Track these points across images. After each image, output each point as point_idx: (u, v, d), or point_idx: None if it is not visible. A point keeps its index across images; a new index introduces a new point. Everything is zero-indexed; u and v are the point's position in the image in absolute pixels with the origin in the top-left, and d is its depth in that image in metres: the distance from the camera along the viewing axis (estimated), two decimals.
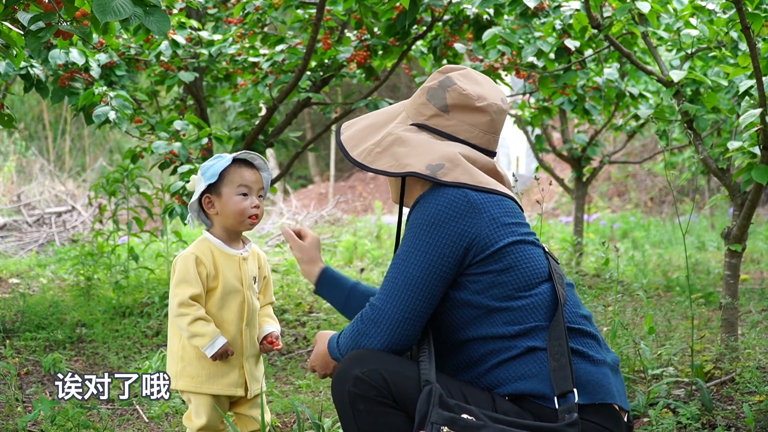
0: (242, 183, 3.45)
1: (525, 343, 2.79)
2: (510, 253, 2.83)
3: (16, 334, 6.10)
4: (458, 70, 3.07)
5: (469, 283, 2.84)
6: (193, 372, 3.46)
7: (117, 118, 5.53)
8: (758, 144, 4.35)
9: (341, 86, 8.67)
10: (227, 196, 3.45)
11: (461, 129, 2.99)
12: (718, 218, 14.45)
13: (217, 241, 3.51)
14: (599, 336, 2.95)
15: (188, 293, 3.41)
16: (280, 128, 7.21)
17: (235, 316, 3.49)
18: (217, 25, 7.65)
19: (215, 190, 3.47)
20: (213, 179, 3.43)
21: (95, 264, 7.37)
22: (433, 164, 2.87)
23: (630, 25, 5.32)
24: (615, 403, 2.82)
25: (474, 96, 2.98)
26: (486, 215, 2.83)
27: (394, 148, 2.95)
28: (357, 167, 3.12)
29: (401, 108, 3.12)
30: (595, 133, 9.39)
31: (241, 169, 3.47)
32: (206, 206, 3.51)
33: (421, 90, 3.07)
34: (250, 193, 3.47)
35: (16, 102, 17.18)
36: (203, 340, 3.38)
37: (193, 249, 3.50)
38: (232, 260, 3.51)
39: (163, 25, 3.00)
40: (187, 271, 3.45)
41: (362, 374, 2.78)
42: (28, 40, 3.22)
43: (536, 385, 2.76)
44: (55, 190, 14.56)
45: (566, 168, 15.79)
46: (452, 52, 6.93)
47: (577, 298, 2.99)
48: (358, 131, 3.10)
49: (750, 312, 6.82)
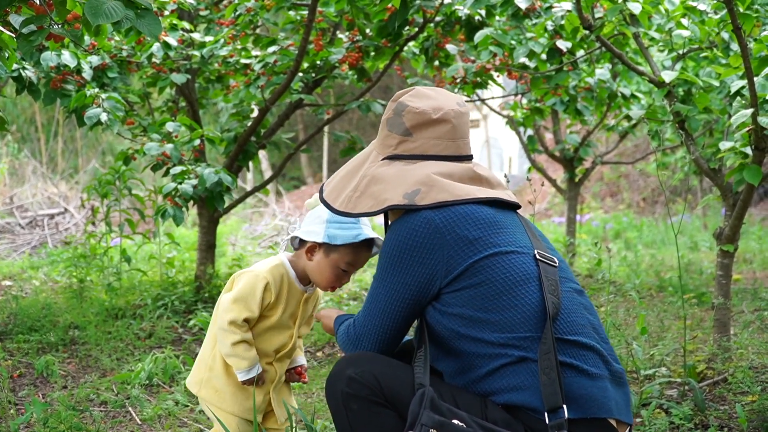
0: (352, 263, 3.33)
1: (516, 353, 2.77)
2: (482, 268, 2.81)
3: (8, 337, 6.09)
4: (408, 92, 3.10)
5: (450, 299, 2.85)
6: (219, 386, 3.41)
7: (109, 120, 5.53)
8: (750, 144, 4.36)
9: (333, 87, 8.65)
10: (332, 263, 3.32)
11: (428, 146, 3.00)
12: (710, 218, 14.47)
13: (293, 272, 3.42)
14: (601, 346, 2.89)
15: (243, 315, 3.31)
16: (272, 129, 7.21)
17: (275, 348, 3.44)
18: (209, 27, 7.64)
19: (327, 248, 3.32)
20: (334, 242, 3.29)
21: (88, 266, 7.36)
22: (408, 192, 2.89)
23: (621, 26, 5.33)
24: (611, 417, 2.80)
25: (429, 110, 2.99)
26: (450, 236, 2.83)
27: (370, 189, 2.98)
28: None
29: (371, 148, 3.15)
30: (588, 134, 9.40)
31: (360, 250, 3.33)
32: (306, 251, 3.37)
33: (382, 123, 3.10)
34: (350, 271, 3.36)
35: (8, 104, 17.15)
36: (242, 364, 3.32)
37: (267, 272, 3.37)
38: (296, 297, 3.44)
39: (155, 28, 2.99)
40: (253, 293, 3.33)
41: (355, 375, 2.81)
42: (19, 42, 3.21)
43: (528, 398, 2.75)
44: (48, 192, 14.54)
45: (558, 168, 15.81)
46: (444, 53, 6.94)
47: (582, 304, 2.95)
48: (338, 182, 3.13)
49: (742, 312, 6.83)
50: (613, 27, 5.32)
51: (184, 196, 5.76)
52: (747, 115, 4.14)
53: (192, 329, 6.49)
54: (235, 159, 6.94)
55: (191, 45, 6.76)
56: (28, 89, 5.72)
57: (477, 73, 6.55)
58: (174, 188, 5.75)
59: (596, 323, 2.96)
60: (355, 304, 7.62)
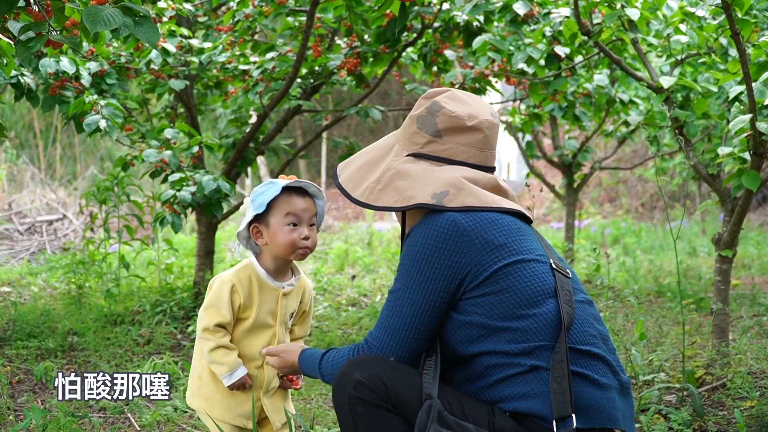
0: (291, 212, 3.29)
1: (529, 362, 2.75)
2: (507, 274, 2.79)
3: (7, 343, 6.09)
4: (443, 92, 3.05)
5: (468, 306, 2.81)
6: (208, 394, 3.39)
7: (107, 127, 5.53)
8: (748, 150, 4.37)
9: (332, 93, 8.68)
10: (275, 227, 3.30)
11: (457, 151, 2.97)
12: (709, 224, 14.48)
13: (262, 270, 3.38)
14: (610, 357, 2.88)
15: (215, 321, 3.30)
16: (270, 136, 7.21)
17: (260, 349, 3.38)
18: (208, 33, 7.65)
19: (263, 219, 3.32)
20: (261, 209, 3.28)
21: (86, 272, 7.36)
22: (437, 192, 2.86)
23: (620, 32, 5.34)
24: (617, 428, 2.81)
25: (464, 116, 2.96)
26: (477, 240, 2.80)
27: (395, 183, 2.94)
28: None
29: (393, 140, 3.10)
30: (586, 139, 9.42)
31: (290, 198, 3.31)
32: (254, 236, 3.36)
33: (411, 119, 3.05)
34: (300, 223, 3.30)
35: (7, 110, 17.14)
36: (222, 369, 3.31)
37: (232, 275, 3.36)
38: (272, 294, 3.39)
39: (153, 36, 2.99)
40: (220, 298, 3.32)
41: (363, 378, 2.77)
42: (18, 49, 3.21)
43: (537, 406, 2.74)
44: (46, 198, 14.53)
45: (557, 174, 15.82)
46: (442, 59, 6.94)
47: (592, 314, 2.94)
48: (355, 171, 3.08)
49: (741, 317, 6.84)
50: (611, 33, 5.33)
51: (183, 203, 5.75)
52: (745, 120, 4.15)
53: (191, 335, 6.49)
54: (233, 165, 6.94)
55: (190, 51, 6.77)
56: (26, 96, 5.72)
57: (475, 79, 6.55)
58: (172, 195, 5.74)
59: (605, 334, 2.96)
60: (353, 310, 7.62)
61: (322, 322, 6.88)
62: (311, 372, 3.07)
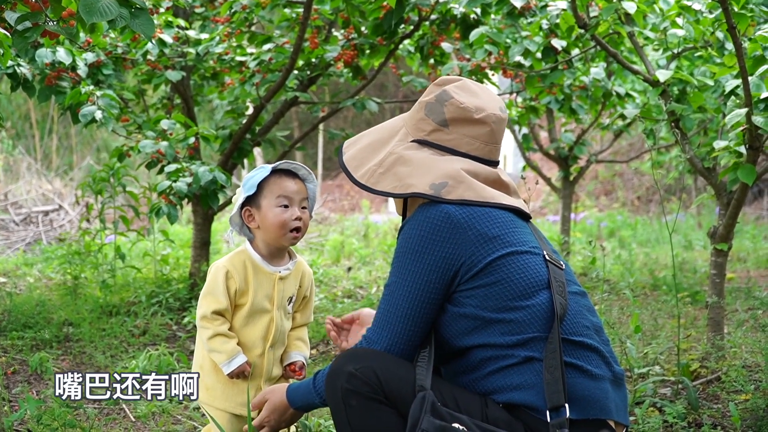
0: (282, 194, 3.31)
1: (523, 353, 2.76)
2: (500, 266, 2.79)
3: (2, 334, 6.09)
4: (454, 81, 3.04)
5: (462, 298, 2.82)
6: (209, 383, 3.39)
7: (103, 118, 5.52)
8: (744, 143, 4.37)
9: (328, 85, 8.67)
10: (266, 209, 3.32)
11: (462, 142, 2.96)
12: (704, 217, 14.49)
13: (256, 255, 3.39)
14: (603, 348, 2.89)
15: (212, 308, 3.31)
16: (267, 127, 7.21)
17: (259, 336, 3.39)
18: (204, 24, 7.64)
19: (254, 202, 3.34)
20: (251, 191, 3.30)
21: (82, 263, 7.36)
22: (436, 183, 2.85)
23: (616, 25, 5.33)
24: (610, 419, 2.81)
25: (472, 108, 2.95)
26: (471, 232, 2.80)
27: (396, 168, 2.94)
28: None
29: (401, 123, 3.10)
30: (582, 132, 9.42)
31: (281, 180, 3.33)
32: (246, 219, 3.38)
33: (419, 104, 3.04)
34: (291, 204, 3.32)
35: (3, 101, 17.12)
36: (221, 357, 3.31)
37: (226, 261, 3.37)
38: (267, 278, 3.39)
39: (148, 28, 2.98)
40: (216, 285, 3.33)
41: (355, 370, 2.77)
42: (14, 39, 3.21)
43: (530, 397, 2.74)
44: (42, 188, 14.52)
45: (553, 167, 15.82)
46: (439, 51, 6.94)
47: (585, 306, 2.94)
48: (360, 150, 3.08)
49: (736, 311, 6.85)
50: (608, 26, 5.32)
51: (179, 194, 5.75)
52: (741, 114, 4.15)
53: (186, 326, 6.49)
54: (230, 156, 6.94)
55: (186, 42, 6.76)
56: (22, 86, 5.71)
57: (472, 72, 6.55)
58: (168, 186, 5.74)
59: (598, 325, 2.96)
60: (349, 302, 7.62)
61: (317, 314, 6.87)
62: (306, 396, 3.03)
